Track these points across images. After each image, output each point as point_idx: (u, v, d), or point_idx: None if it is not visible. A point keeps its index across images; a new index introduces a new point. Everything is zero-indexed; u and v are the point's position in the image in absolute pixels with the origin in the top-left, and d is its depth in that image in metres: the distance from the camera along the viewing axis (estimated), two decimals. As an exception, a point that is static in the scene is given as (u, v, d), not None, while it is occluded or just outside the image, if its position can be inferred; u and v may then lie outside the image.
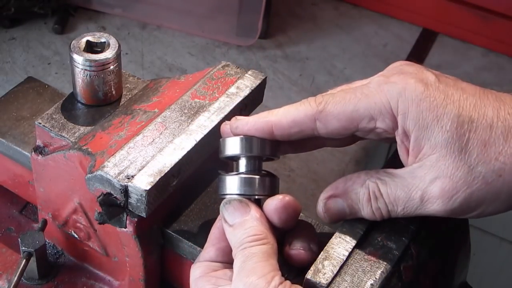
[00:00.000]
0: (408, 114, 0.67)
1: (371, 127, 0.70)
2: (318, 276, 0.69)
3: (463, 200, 0.66)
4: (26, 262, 0.88)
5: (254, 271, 0.67)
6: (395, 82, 0.68)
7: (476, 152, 0.66)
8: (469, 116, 0.66)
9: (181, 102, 0.84)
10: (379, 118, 0.69)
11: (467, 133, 0.66)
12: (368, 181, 0.71)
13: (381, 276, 0.69)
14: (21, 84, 1.01)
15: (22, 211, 1.03)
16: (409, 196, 0.68)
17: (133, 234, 0.79)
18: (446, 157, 0.66)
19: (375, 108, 0.69)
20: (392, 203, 0.69)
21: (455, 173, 0.66)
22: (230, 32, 1.62)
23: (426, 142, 0.67)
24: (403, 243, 0.72)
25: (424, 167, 0.67)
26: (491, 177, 0.66)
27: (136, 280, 0.84)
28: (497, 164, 0.65)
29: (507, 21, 1.89)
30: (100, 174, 0.75)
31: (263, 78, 0.88)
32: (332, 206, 0.73)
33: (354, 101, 0.70)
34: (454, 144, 0.66)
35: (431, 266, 0.74)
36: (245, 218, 0.71)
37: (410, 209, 0.69)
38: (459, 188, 0.66)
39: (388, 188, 0.69)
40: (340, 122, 0.70)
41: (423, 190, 0.67)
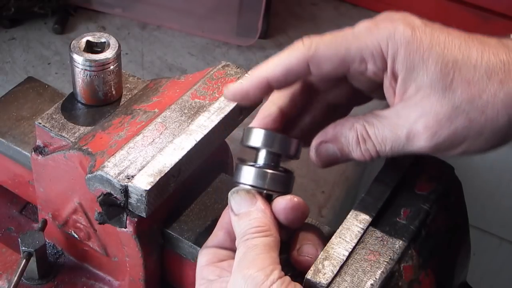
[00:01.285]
0: (397, 56, 0.69)
1: (362, 69, 0.71)
2: (318, 276, 0.69)
3: (447, 136, 0.68)
4: (26, 262, 0.88)
5: (254, 263, 0.67)
6: (385, 27, 0.70)
7: (460, 90, 0.67)
8: (454, 56, 0.68)
9: (181, 102, 0.84)
10: (370, 60, 0.70)
11: (451, 73, 0.67)
12: (355, 124, 0.72)
13: (381, 276, 0.69)
14: (21, 84, 1.01)
15: (22, 211, 1.03)
16: (395, 135, 0.70)
17: (133, 234, 0.79)
18: (430, 96, 0.68)
19: (366, 49, 0.70)
20: (380, 144, 0.71)
21: (439, 110, 0.68)
22: (230, 32, 1.61)
23: (412, 83, 0.69)
24: (403, 243, 0.72)
25: (409, 106, 0.69)
26: (474, 114, 0.67)
27: (136, 280, 0.84)
28: (480, 102, 0.67)
29: (507, 21, 1.89)
30: (100, 174, 0.75)
31: (263, 78, 0.88)
32: (323, 151, 0.75)
33: (345, 43, 0.70)
34: (438, 84, 0.68)
35: (431, 266, 0.74)
36: (250, 209, 0.72)
37: (397, 147, 0.70)
38: (443, 125, 0.68)
39: (375, 129, 0.71)
40: (333, 64, 0.71)
41: (408, 128, 0.69)
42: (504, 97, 0.66)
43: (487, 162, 1.61)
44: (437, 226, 0.75)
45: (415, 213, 0.75)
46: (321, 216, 1.23)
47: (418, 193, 0.78)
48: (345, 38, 0.71)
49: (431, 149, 0.69)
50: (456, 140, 0.68)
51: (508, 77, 0.67)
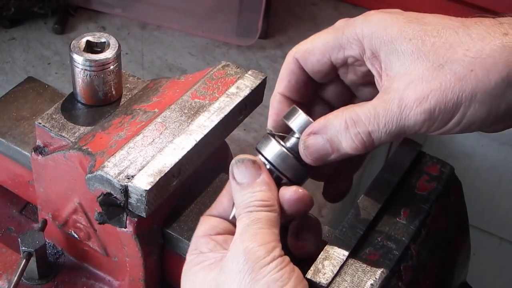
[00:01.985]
0: (373, 34, 0.69)
1: (341, 57, 0.73)
2: (318, 276, 0.69)
3: (438, 98, 0.65)
4: (26, 262, 0.88)
5: (256, 237, 0.66)
6: (359, 17, 0.72)
7: (443, 52, 0.66)
8: (433, 25, 0.68)
9: (181, 102, 0.84)
10: (347, 46, 0.72)
11: (432, 38, 0.67)
12: (344, 111, 0.70)
13: (381, 276, 0.69)
14: (21, 84, 1.01)
15: (22, 211, 1.03)
16: (387, 109, 0.67)
17: (133, 234, 0.79)
18: (415, 63, 0.67)
19: (342, 37, 0.72)
20: (372, 123, 0.68)
21: (426, 74, 0.66)
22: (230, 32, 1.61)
23: (393, 55, 0.68)
24: (403, 243, 0.72)
25: (396, 79, 0.68)
26: (462, 72, 0.65)
27: (136, 280, 0.84)
28: (466, 59, 0.65)
29: (507, 21, 1.89)
30: (100, 174, 0.75)
31: (263, 78, 0.88)
32: (311, 142, 0.71)
33: (324, 36, 0.74)
34: (419, 50, 0.66)
35: (431, 266, 0.74)
36: (256, 180, 0.71)
37: (391, 123, 0.67)
38: (432, 87, 0.66)
39: (365, 109, 0.68)
40: (315, 55, 0.74)
41: (399, 98, 0.67)
42: (491, 53, 0.64)
43: (487, 162, 1.61)
44: (437, 226, 0.75)
45: (415, 213, 0.75)
46: (321, 216, 1.23)
47: (418, 193, 0.78)
48: (325, 32, 0.74)
49: (426, 115, 0.66)
50: (448, 104, 0.65)
51: (490, 37, 0.65)
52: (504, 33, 0.65)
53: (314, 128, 0.71)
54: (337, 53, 0.73)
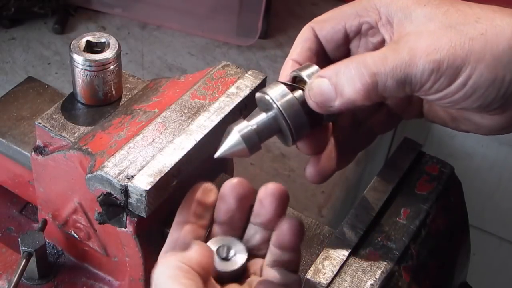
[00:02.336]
0: (391, 2, 0.71)
1: (356, 24, 0.74)
2: (318, 276, 0.69)
3: (448, 52, 0.66)
4: (26, 262, 0.88)
5: None
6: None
7: (455, 17, 0.67)
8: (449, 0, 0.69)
9: (181, 102, 0.84)
10: (363, 14, 0.73)
11: (446, 6, 0.68)
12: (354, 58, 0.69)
13: (381, 276, 0.69)
14: (21, 84, 1.01)
15: (22, 211, 1.03)
16: (397, 55, 0.67)
17: (133, 234, 0.79)
18: (427, 24, 0.68)
19: (359, 6, 0.74)
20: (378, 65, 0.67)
21: (437, 31, 0.67)
22: (230, 32, 1.61)
23: (407, 20, 0.69)
24: (403, 243, 0.72)
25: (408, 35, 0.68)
26: (473, 34, 0.66)
27: (136, 280, 0.84)
28: (478, 26, 0.66)
29: (507, 21, 1.88)
30: (100, 174, 0.75)
31: (263, 78, 0.88)
32: (316, 84, 0.70)
33: (341, 7, 0.75)
34: (433, 13, 0.68)
35: (431, 266, 0.74)
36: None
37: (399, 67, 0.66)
38: (443, 41, 0.66)
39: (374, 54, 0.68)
40: (330, 23, 0.75)
41: (409, 46, 0.67)
42: (501, 23, 0.66)
43: (487, 162, 1.61)
44: (437, 226, 0.75)
45: (415, 213, 0.75)
46: (321, 216, 1.23)
47: (418, 193, 0.78)
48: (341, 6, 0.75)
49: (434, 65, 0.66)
50: (457, 61, 0.65)
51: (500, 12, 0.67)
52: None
53: (322, 71, 0.71)
54: (352, 20, 0.74)
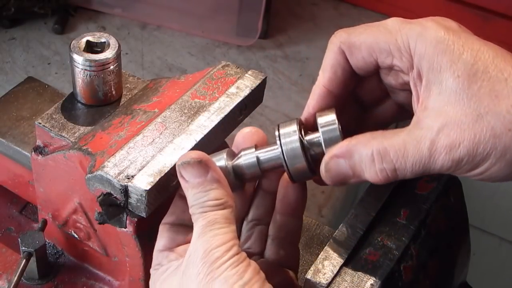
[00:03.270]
0: (424, 55, 0.66)
1: (388, 63, 0.70)
2: (318, 276, 0.69)
3: (469, 149, 0.63)
4: (26, 262, 0.88)
5: (214, 239, 0.67)
6: (417, 23, 0.68)
7: (486, 101, 0.63)
8: (485, 66, 0.64)
9: (181, 102, 0.84)
10: (396, 55, 0.69)
11: (480, 82, 0.63)
12: (372, 140, 0.68)
13: (381, 276, 0.69)
14: (21, 84, 1.01)
15: (22, 211, 1.03)
16: (417, 149, 0.65)
17: (133, 234, 0.79)
18: (454, 104, 0.64)
19: (395, 44, 0.69)
20: (399, 160, 0.66)
21: (463, 120, 0.63)
22: (230, 32, 1.62)
23: (436, 86, 0.65)
24: (403, 243, 0.72)
25: (432, 115, 0.65)
26: (500, 130, 0.62)
27: (136, 280, 0.84)
28: (508, 117, 0.62)
29: (507, 21, 1.89)
30: (100, 174, 0.75)
31: (263, 78, 0.88)
32: (333, 166, 0.70)
33: (375, 34, 0.70)
34: (464, 91, 0.64)
35: (431, 266, 0.74)
36: (205, 178, 0.70)
37: (419, 164, 0.65)
38: (466, 136, 0.63)
39: (395, 143, 0.66)
40: (362, 52, 0.71)
41: (431, 140, 0.64)
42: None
43: (487, 162, 1.60)
44: (437, 226, 0.75)
45: (415, 213, 0.75)
46: (321, 216, 1.23)
47: (418, 193, 0.78)
48: (376, 29, 0.70)
49: (453, 163, 0.64)
50: (477, 156, 0.64)
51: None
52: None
53: (339, 151, 0.69)
54: (385, 58, 0.70)
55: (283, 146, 0.72)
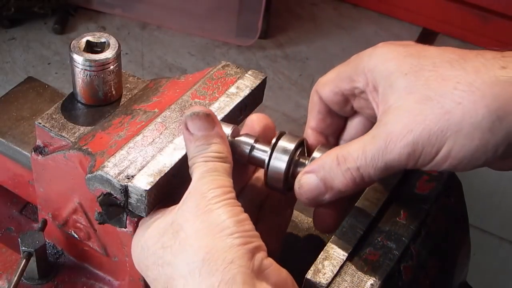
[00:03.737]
0: (374, 67, 0.71)
1: (349, 88, 0.75)
2: (318, 276, 0.69)
3: (422, 132, 0.65)
4: (26, 262, 0.88)
5: (214, 182, 0.68)
6: (368, 50, 0.73)
7: (434, 85, 0.66)
8: (431, 60, 0.68)
9: (181, 102, 0.84)
10: (355, 79, 0.74)
11: (426, 72, 0.67)
12: (336, 149, 0.72)
13: (381, 276, 0.69)
14: (21, 84, 1.01)
15: (22, 211, 1.03)
16: (374, 144, 0.68)
17: (133, 234, 0.78)
18: (406, 98, 0.68)
19: (351, 70, 0.74)
20: (360, 158, 0.69)
21: (413, 107, 0.66)
22: (230, 32, 1.62)
23: (389, 90, 0.69)
24: (403, 243, 0.72)
25: (388, 114, 0.69)
26: (450, 105, 0.65)
27: (136, 280, 0.84)
28: (455, 92, 0.65)
29: (507, 21, 1.89)
30: (100, 174, 0.75)
31: (263, 78, 0.88)
32: (305, 181, 0.73)
33: (338, 68, 0.77)
34: (413, 83, 0.67)
35: (431, 266, 0.74)
36: (209, 133, 0.72)
37: (377, 157, 0.68)
38: (417, 120, 0.66)
39: (356, 145, 0.70)
40: (329, 86, 0.77)
41: (386, 132, 0.67)
42: (481, 86, 0.64)
43: (487, 162, 1.60)
44: (437, 226, 0.75)
45: (415, 213, 0.75)
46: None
47: (418, 193, 0.78)
48: (340, 65, 0.76)
49: (410, 149, 0.66)
50: (434, 137, 0.65)
51: (485, 69, 0.65)
52: (502, 67, 0.65)
53: (309, 168, 0.73)
54: (345, 85, 0.75)
55: (271, 159, 0.76)
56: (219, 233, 0.65)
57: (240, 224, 0.66)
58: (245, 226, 0.66)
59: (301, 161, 0.77)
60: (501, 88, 0.64)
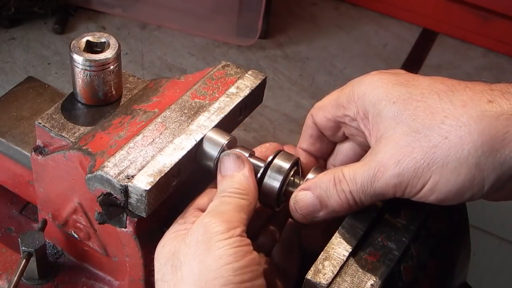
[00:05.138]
0: (364, 95, 0.72)
1: (341, 115, 0.76)
2: (318, 276, 0.68)
3: (411, 162, 0.66)
4: (26, 262, 0.88)
5: (220, 215, 0.69)
6: (360, 77, 0.75)
7: (422, 117, 0.67)
8: (420, 90, 0.69)
9: (181, 102, 0.84)
10: (346, 106, 0.75)
11: (415, 103, 0.68)
12: (333, 170, 0.73)
13: (381, 276, 0.69)
14: (21, 84, 1.01)
15: (22, 211, 1.03)
16: (364, 171, 0.69)
17: (133, 234, 0.79)
18: (396, 127, 0.68)
19: (343, 97, 0.75)
20: (352, 182, 0.70)
21: (402, 139, 0.67)
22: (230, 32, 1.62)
23: (379, 118, 0.70)
24: (403, 243, 0.72)
25: (379, 143, 0.70)
26: (436, 139, 0.66)
27: (136, 280, 0.84)
28: (443, 127, 0.66)
29: (507, 21, 1.89)
30: (100, 174, 0.75)
31: (263, 78, 0.88)
32: (301, 198, 0.74)
33: (332, 95, 0.78)
34: (401, 113, 0.68)
35: (431, 266, 0.74)
36: (235, 173, 0.74)
37: (366, 184, 0.69)
38: (404, 152, 0.67)
39: (350, 169, 0.71)
40: (323, 112, 0.79)
41: (376, 161, 0.69)
42: (468, 121, 0.65)
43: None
44: (437, 226, 0.75)
45: (415, 214, 0.75)
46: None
47: None
48: (335, 91, 0.78)
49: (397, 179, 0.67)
50: (420, 170, 0.66)
51: (472, 104, 0.66)
52: (488, 100, 0.66)
53: (305, 185, 0.74)
54: (337, 111, 0.77)
55: (266, 177, 0.77)
56: (213, 280, 0.65)
57: (237, 273, 0.65)
58: (244, 275, 0.65)
59: (296, 181, 0.79)
60: (487, 124, 0.64)
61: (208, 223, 0.68)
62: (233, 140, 0.80)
